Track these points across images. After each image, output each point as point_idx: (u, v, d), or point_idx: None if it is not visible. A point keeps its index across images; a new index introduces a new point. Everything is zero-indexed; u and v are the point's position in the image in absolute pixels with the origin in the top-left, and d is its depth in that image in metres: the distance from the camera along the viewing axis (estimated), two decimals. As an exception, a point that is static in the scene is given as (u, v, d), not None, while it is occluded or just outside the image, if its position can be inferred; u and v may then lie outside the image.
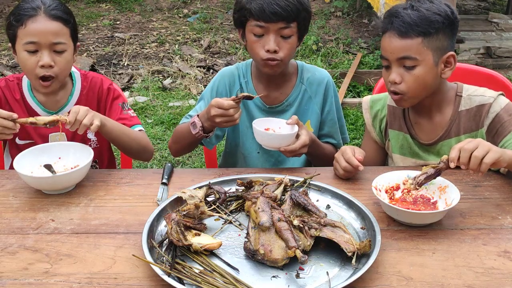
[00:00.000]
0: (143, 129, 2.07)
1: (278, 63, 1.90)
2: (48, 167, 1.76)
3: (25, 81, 2.01)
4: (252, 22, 1.87)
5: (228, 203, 1.60)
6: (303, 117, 2.06)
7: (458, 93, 1.85)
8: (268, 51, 1.86)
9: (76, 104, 2.02)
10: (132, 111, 2.09)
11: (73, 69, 2.05)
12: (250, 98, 1.75)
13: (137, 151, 2.01)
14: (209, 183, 1.62)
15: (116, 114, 2.03)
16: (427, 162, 1.89)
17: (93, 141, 2.07)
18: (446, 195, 1.53)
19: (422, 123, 1.91)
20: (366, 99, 2.05)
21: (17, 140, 2.02)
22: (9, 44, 1.93)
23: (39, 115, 1.98)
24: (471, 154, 1.46)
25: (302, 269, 1.31)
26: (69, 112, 1.72)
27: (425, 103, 1.85)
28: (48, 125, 1.71)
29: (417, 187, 1.54)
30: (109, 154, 2.21)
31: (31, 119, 1.70)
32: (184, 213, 1.44)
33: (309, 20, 1.96)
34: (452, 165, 1.48)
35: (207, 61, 5.86)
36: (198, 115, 1.85)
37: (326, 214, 1.49)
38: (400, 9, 1.75)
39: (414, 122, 1.92)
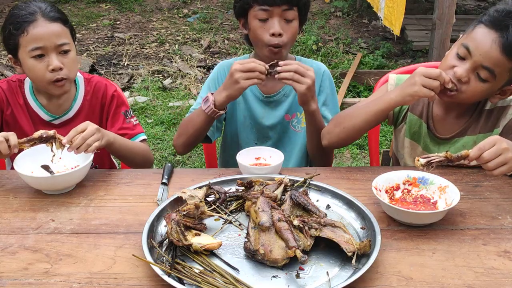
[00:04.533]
0: (145, 137, 2.08)
1: (280, 50, 1.95)
2: (46, 167, 1.76)
3: (27, 84, 2.00)
4: (255, 7, 1.93)
5: (228, 203, 1.60)
6: (297, 108, 2.08)
7: None
8: (273, 34, 1.91)
9: (79, 109, 2.02)
10: (135, 118, 2.09)
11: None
12: (277, 64, 1.79)
13: (139, 164, 2.01)
14: (209, 183, 1.62)
15: (118, 123, 2.02)
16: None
17: None
18: (446, 195, 1.53)
19: (443, 116, 1.88)
20: (392, 76, 1.97)
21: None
22: (9, 56, 1.88)
23: (41, 118, 1.98)
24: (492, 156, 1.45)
25: (302, 269, 1.31)
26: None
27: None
28: (43, 139, 1.65)
29: (425, 167, 1.49)
30: (109, 159, 2.22)
31: (26, 138, 1.64)
32: (184, 213, 1.44)
33: (308, 8, 2.03)
34: (467, 162, 1.48)
35: (207, 61, 5.86)
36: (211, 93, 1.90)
37: (326, 214, 1.48)
38: None
39: (435, 114, 1.89)
